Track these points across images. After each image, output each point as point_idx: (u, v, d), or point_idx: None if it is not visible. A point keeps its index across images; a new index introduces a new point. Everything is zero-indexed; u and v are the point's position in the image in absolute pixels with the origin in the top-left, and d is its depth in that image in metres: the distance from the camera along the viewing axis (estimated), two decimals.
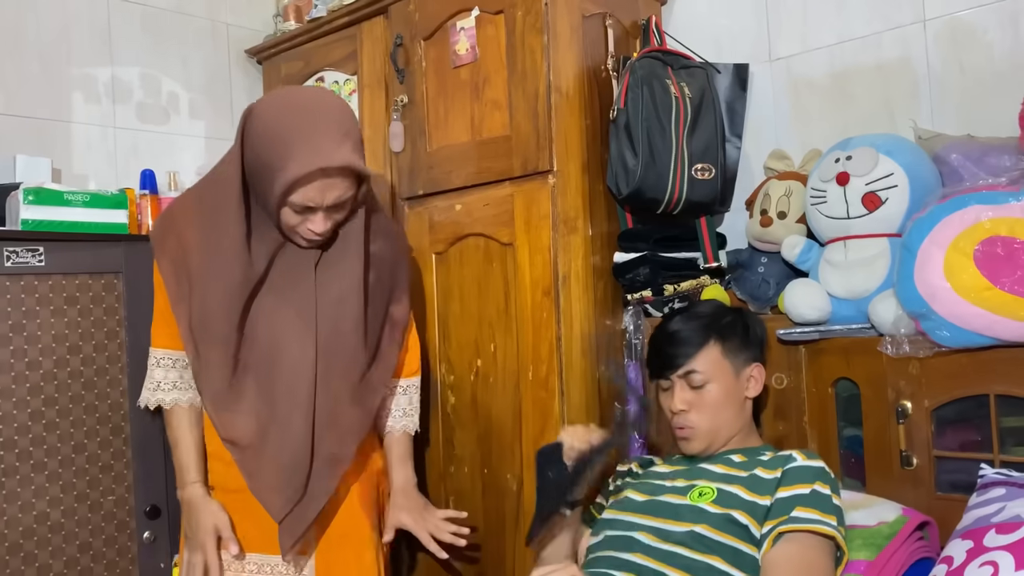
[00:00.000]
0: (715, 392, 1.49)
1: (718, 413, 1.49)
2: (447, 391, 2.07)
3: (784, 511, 1.32)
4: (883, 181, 1.59)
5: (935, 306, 1.42)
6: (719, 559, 1.32)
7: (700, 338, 1.51)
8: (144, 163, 2.31)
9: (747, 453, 1.49)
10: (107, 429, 1.80)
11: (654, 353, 1.57)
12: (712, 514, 1.36)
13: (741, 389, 1.52)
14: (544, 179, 1.83)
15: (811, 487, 1.34)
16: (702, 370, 1.50)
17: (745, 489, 1.38)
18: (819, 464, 1.39)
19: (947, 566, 1.22)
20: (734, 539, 1.33)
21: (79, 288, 1.78)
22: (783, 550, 1.29)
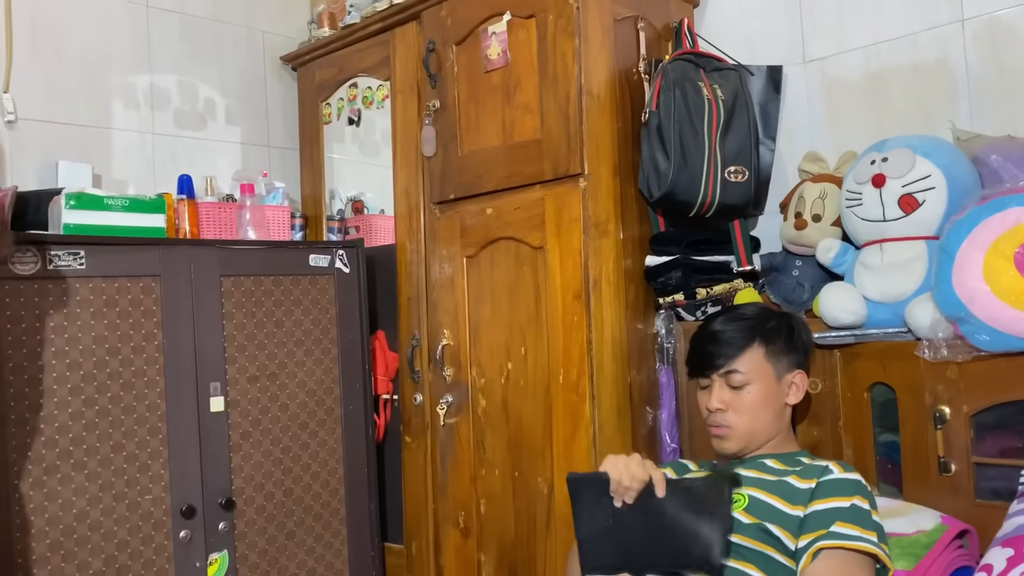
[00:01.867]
0: (755, 394, 1.47)
1: (756, 416, 1.47)
2: (478, 394, 2.08)
3: (822, 525, 1.29)
4: (920, 183, 1.56)
5: (974, 309, 1.39)
6: (752, 566, 1.31)
7: (744, 339, 1.49)
8: (181, 168, 2.35)
9: (783, 459, 1.46)
10: (144, 430, 1.83)
11: (695, 351, 1.55)
12: (745, 524, 1.34)
13: (781, 394, 1.50)
14: (575, 182, 1.83)
15: (850, 501, 1.31)
16: (744, 371, 1.47)
17: (776, 497, 1.36)
18: (856, 477, 1.36)
19: (987, 574, 1.20)
20: (767, 547, 1.32)
21: (118, 291, 1.81)
22: (823, 566, 1.26)
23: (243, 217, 2.22)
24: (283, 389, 2.06)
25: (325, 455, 2.13)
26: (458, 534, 2.11)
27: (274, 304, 2.05)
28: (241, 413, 1.98)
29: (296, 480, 2.07)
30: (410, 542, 2.24)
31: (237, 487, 1.96)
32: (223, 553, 1.92)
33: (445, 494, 2.15)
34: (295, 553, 2.06)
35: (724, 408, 1.48)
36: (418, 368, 2.22)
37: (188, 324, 1.90)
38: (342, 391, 2.16)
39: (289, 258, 2.09)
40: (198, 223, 2.19)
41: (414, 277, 2.24)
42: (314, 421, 2.11)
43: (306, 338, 2.11)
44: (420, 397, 2.22)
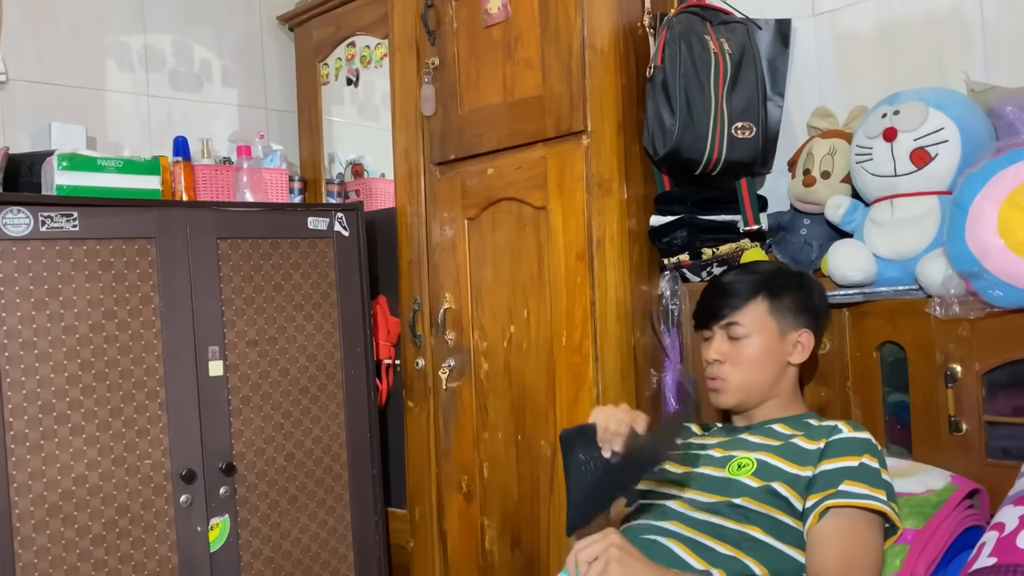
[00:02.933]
0: (753, 347, 1.43)
1: (753, 370, 1.44)
2: (480, 358, 2.05)
3: (831, 484, 1.26)
4: (933, 136, 1.52)
5: (987, 264, 1.35)
6: (759, 529, 1.28)
7: (749, 291, 1.45)
8: (177, 131, 2.32)
9: (790, 422, 1.43)
10: (143, 394, 1.81)
11: (702, 302, 1.52)
12: (752, 487, 1.31)
13: (784, 352, 1.46)
14: (578, 140, 1.78)
15: (859, 460, 1.28)
16: (744, 323, 1.44)
17: (783, 459, 1.33)
18: (866, 436, 1.33)
19: (998, 533, 1.17)
20: (774, 510, 1.29)
21: (113, 253, 1.78)
22: (831, 524, 1.24)
23: (240, 180, 2.18)
24: (283, 353, 2.04)
25: (327, 420, 2.11)
26: (461, 498, 2.10)
27: (272, 267, 2.02)
28: (241, 377, 1.96)
29: (298, 445, 2.05)
30: (413, 506, 2.23)
31: (238, 452, 1.95)
32: (224, 517, 1.91)
33: (448, 458, 2.14)
34: (297, 518, 2.05)
35: (721, 360, 1.45)
36: (420, 332, 2.20)
37: (185, 287, 1.87)
38: (343, 356, 2.14)
39: (287, 221, 2.05)
40: (194, 186, 2.15)
41: (415, 240, 2.20)
42: (315, 386, 2.09)
43: (306, 302, 2.08)
44: (422, 361, 2.19)
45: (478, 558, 2.06)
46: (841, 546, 1.22)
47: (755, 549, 1.27)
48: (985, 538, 1.20)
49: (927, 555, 1.25)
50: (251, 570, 1.96)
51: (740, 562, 1.26)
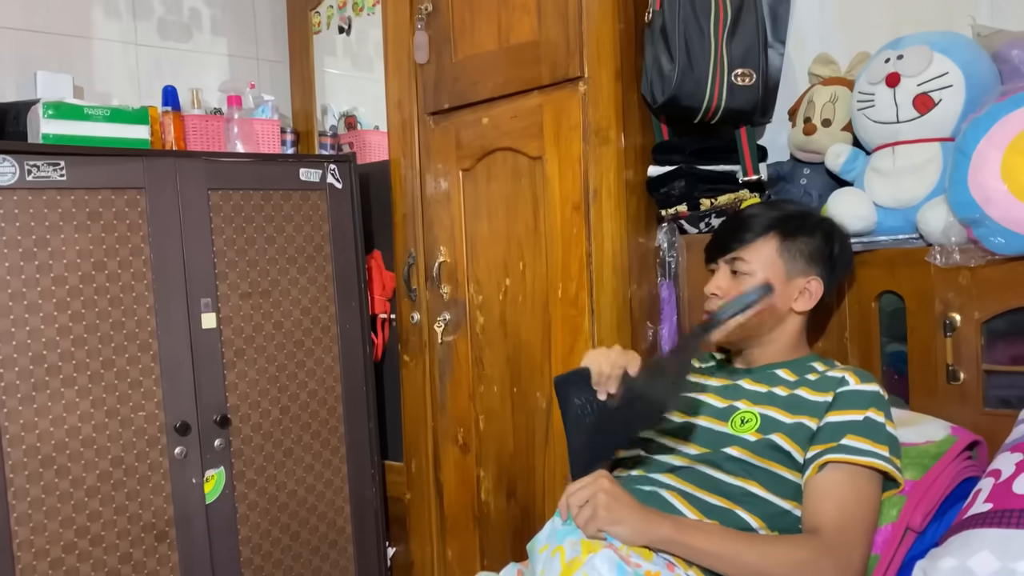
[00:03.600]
0: (753, 279, 1.38)
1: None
2: (476, 311, 2.04)
3: (833, 438, 1.24)
4: (937, 81, 1.48)
5: (990, 211, 1.33)
6: (757, 484, 1.27)
7: (761, 228, 1.39)
8: (166, 81, 2.27)
9: (794, 367, 1.39)
10: (135, 346, 1.79)
11: (714, 235, 1.47)
12: (752, 441, 1.30)
13: (788, 296, 1.39)
14: (575, 87, 1.75)
15: (864, 413, 1.26)
16: (749, 259, 1.38)
17: (787, 413, 1.31)
18: (874, 388, 1.30)
19: (994, 479, 1.17)
20: (774, 464, 1.27)
21: (102, 203, 1.75)
22: (830, 478, 1.22)
23: (231, 131, 2.15)
24: (277, 307, 2.02)
25: (322, 374, 2.10)
26: (457, 450, 2.10)
27: (264, 219, 2.00)
28: (234, 330, 1.95)
29: (293, 398, 2.04)
30: (410, 459, 2.23)
31: (232, 404, 1.94)
32: (220, 470, 1.91)
33: (444, 411, 2.13)
34: (293, 470, 2.05)
35: (719, 295, 1.40)
36: (415, 287, 2.18)
37: (176, 239, 1.85)
38: (338, 310, 2.12)
39: (278, 172, 2.02)
40: (184, 136, 2.12)
41: (409, 193, 2.17)
42: (310, 339, 2.08)
43: (299, 255, 2.06)
44: (417, 316, 2.18)
45: (474, 509, 2.07)
46: (839, 501, 1.20)
47: (752, 503, 1.27)
48: (981, 484, 1.19)
49: (924, 506, 1.24)
50: (247, 522, 1.97)
51: (735, 514, 1.26)
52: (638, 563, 1.15)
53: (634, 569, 1.14)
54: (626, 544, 1.16)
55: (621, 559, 1.14)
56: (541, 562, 1.21)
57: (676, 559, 1.19)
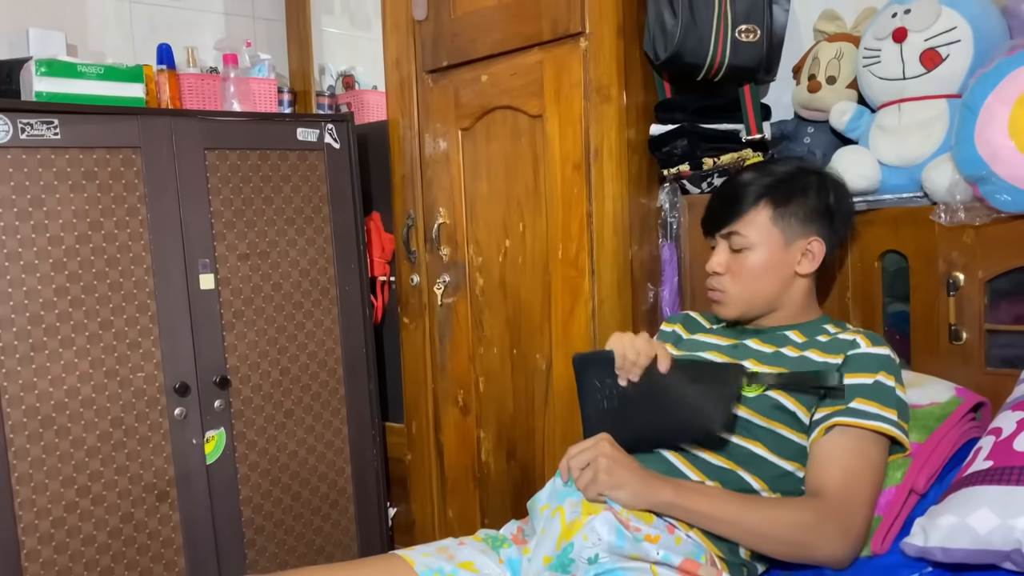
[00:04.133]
0: (754, 260, 1.35)
1: (754, 283, 1.36)
2: (475, 273, 2.02)
3: (842, 400, 1.23)
4: (944, 36, 1.45)
5: (996, 168, 1.31)
6: (760, 444, 1.26)
7: (752, 198, 1.35)
8: (161, 39, 2.23)
9: (805, 330, 1.37)
10: (133, 307, 1.78)
11: (707, 208, 1.43)
12: (754, 398, 1.28)
13: (790, 262, 1.36)
14: (575, 43, 1.72)
15: (874, 377, 1.24)
16: (744, 234, 1.35)
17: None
18: (884, 352, 1.28)
19: (995, 437, 1.16)
20: (778, 424, 1.27)
21: (97, 163, 1.73)
22: (835, 441, 1.21)
23: (227, 90, 2.12)
24: (275, 268, 2.01)
25: (322, 335, 2.10)
26: (457, 412, 2.10)
27: (262, 180, 1.98)
28: (232, 291, 1.94)
29: (293, 360, 2.04)
30: (410, 421, 2.23)
31: (232, 365, 1.94)
32: (219, 431, 1.91)
33: (444, 373, 2.13)
34: (294, 431, 2.05)
35: (721, 272, 1.38)
36: (414, 248, 2.17)
37: (173, 199, 1.83)
38: (337, 272, 2.11)
39: (275, 132, 2.00)
40: (180, 95, 2.09)
41: (407, 154, 2.15)
42: (309, 301, 2.07)
43: (297, 216, 2.04)
44: (417, 278, 2.17)
45: (474, 469, 2.08)
46: (845, 464, 1.19)
47: (754, 463, 1.26)
48: (982, 443, 1.18)
49: (928, 468, 1.24)
50: (248, 482, 1.97)
51: (737, 475, 1.25)
52: (637, 527, 1.15)
53: (633, 533, 1.14)
54: (626, 508, 1.16)
55: (621, 523, 1.14)
56: (542, 521, 1.21)
57: (677, 522, 1.19)
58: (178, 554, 1.86)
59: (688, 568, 1.14)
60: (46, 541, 1.69)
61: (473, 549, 1.27)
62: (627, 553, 1.13)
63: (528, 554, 1.20)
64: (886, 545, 1.20)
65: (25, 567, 1.66)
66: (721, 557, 1.21)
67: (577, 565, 1.14)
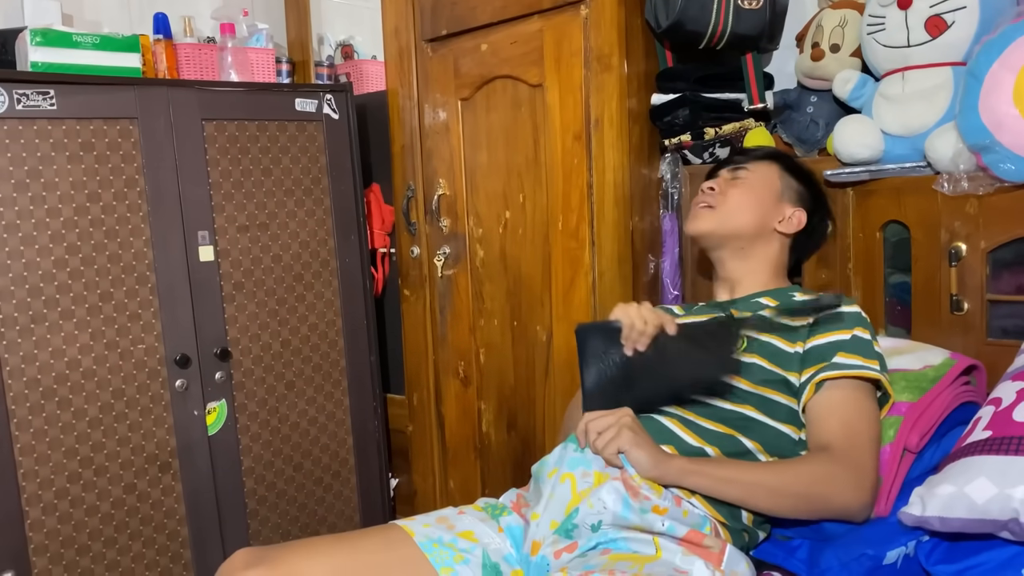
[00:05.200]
0: (748, 185, 1.46)
1: (740, 206, 1.44)
2: (476, 244, 2.02)
3: (824, 357, 1.26)
4: (950, 2, 1.43)
5: (1001, 136, 1.29)
6: (752, 408, 1.28)
7: (766, 154, 1.52)
8: (157, 8, 2.20)
9: (777, 295, 1.42)
10: (132, 279, 1.78)
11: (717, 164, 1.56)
12: (749, 366, 1.30)
13: (775, 213, 1.46)
14: (576, 10, 1.70)
15: (851, 332, 1.28)
16: (751, 168, 1.48)
17: (779, 338, 1.32)
18: (855, 309, 1.32)
19: (995, 407, 1.16)
20: (766, 389, 1.28)
21: (94, 134, 1.72)
22: (828, 396, 1.24)
23: (224, 60, 2.10)
24: (275, 240, 2.00)
25: (323, 307, 2.09)
26: (458, 383, 2.11)
27: (260, 151, 1.96)
28: (232, 263, 1.93)
29: (293, 332, 2.04)
30: (411, 392, 2.24)
31: (232, 337, 1.94)
32: (221, 402, 1.92)
33: (445, 345, 2.13)
34: (295, 403, 2.06)
35: (715, 189, 1.47)
36: (414, 220, 2.16)
37: (171, 170, 1.82)
38: (337, 244, 2.10)
39: (274, 102, 1.98)
40: (177, 65, 2.07)
41: (407, 124, 2.13)
42: (309, 273, 2.06)
43: (296, 188, 2.03)
44: (417, 250, 2.16)
45: (475, 440, 2.08)
46: (843, 415, 1.22)
47: (749, 427, 1.27)
48: (981, 412, 1.18)
49: (920, 427, 1.25)
50: (250, 453, 1.98)
51: (734, 439, 1.26)
52: (647, 495, 1.16)
53: (641, 503, 1.15)
54: (641, 474, 1.17)
55: (630, 491, 1.15)
56: (550, 485, 1.22)
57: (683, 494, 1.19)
58: (181, 524, 1.87)
59: (693, 539, 1.15)
60: (50, 512, 1.70)
61: (473, 518, 1.28)
62: (631, 524, 1.14)
63: (536, 519, 1.21)
64: (888, 506, 1.21)
65: (30, 537, 1.68)
66: (723, 523, 1.21)
67: (580, 531, 1.15)
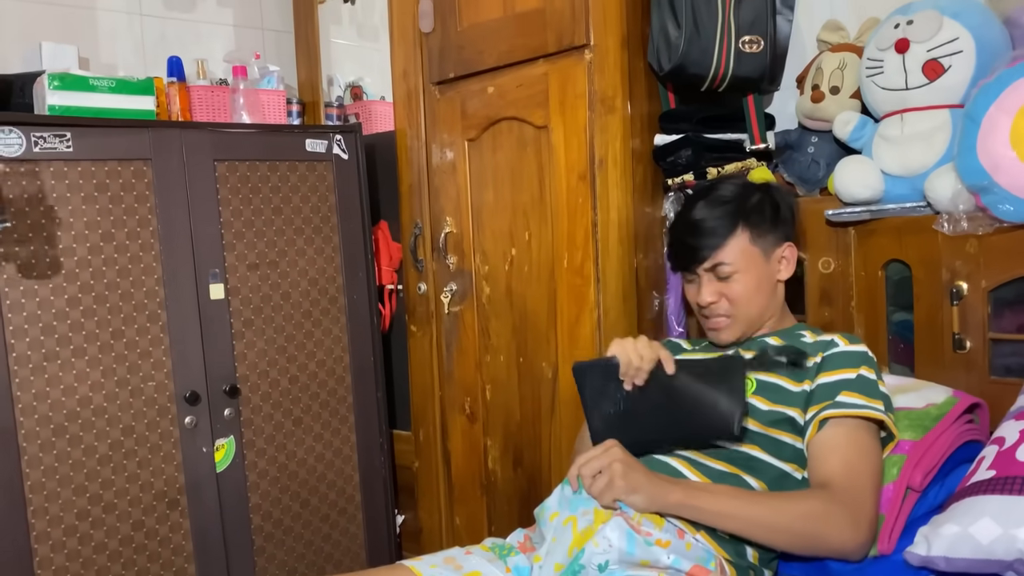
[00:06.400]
0: (745, 282, 1.39)
1: (750, 302, 1.41)
2: (482, 281, 2.04)
3: (829, 396, 1.27)
4: (947, 47, 1.47)
5: (998, 178, 1.32)
6: (758, 448, 1.29)
7: (727, 227, 1.39)
8: (171, 51, 2.26)
9: (785, 336, 1.42)
10: (144, 316, 1.80)
11: (677, 244, 1.46)
12: (757, 408, 1.31)
13: (772, 273, 1.43)
14: (580, 55, 1.73)
15: (856, 372, 1.29)
16: (730, 261, 1.39)
17: (784, 378, 1.33)
18: (862, 349, 1.33)
19: (998, 447, 1.17)
20: (773, 430, 1.30)
21: (109, 175, 1.76)
22: (831, 434, 1.24)
23: (236, 101, 2.14)
24: (284, 277, 2.03)
25: (330, 344, 2.11)
26: (464, 419, 2.12)
27: (271, 190, 2.00)
28: (242, 301, 1.96)
29: (302, 368, 2.06)
30: (418, 428, 2.25)
31: (241, 374, 1.96)
32: (229, 439, 1.93)
33: (451, 381, 2.14)
34: (303, 439, 2.07)
35: (716, 300, 1.41)
36: (421, 257, 2.18)
37: (183, 210, 1.85)
38: (345, 281, 2.13)
39: (285, 143, 2.02)
40: (190, 107, 2.11)
41: (415, 164, 2.17)
42: (318, 310, 2.09)
43: (306, 226, 2.06)
44: (424, 286, 2.18)
45: (481, 477, 2.09)
46: (844, 454, 1.22)
47: (755, 467, 1.28)
48: (985, 452, 1.19)
49: (924, 465, 1.25)
50: (258, 490, 1.99)
51: (740, 479, 1.27)
52: (649, 531, 1.17)
53: (644, 537, 1.16)
54: (640, 512, 1.18)
55: (632, 527, 1.16)
56: (552, 530, 1.23)
57: (685, 525, 1.20)
58: (188, 561, 1.88)
59: (697, 574, 1.15)
60: (58, 548, 1.71)
61: (480, 558, 1.29)
62: (637, 560, 1.15)
63: (539, 561, 1.21)
64: (891, 544, 1.21)
65: (38, 574, 1.68)
66: (729, 560, 1.22)
67: (587, 572, 1.16)
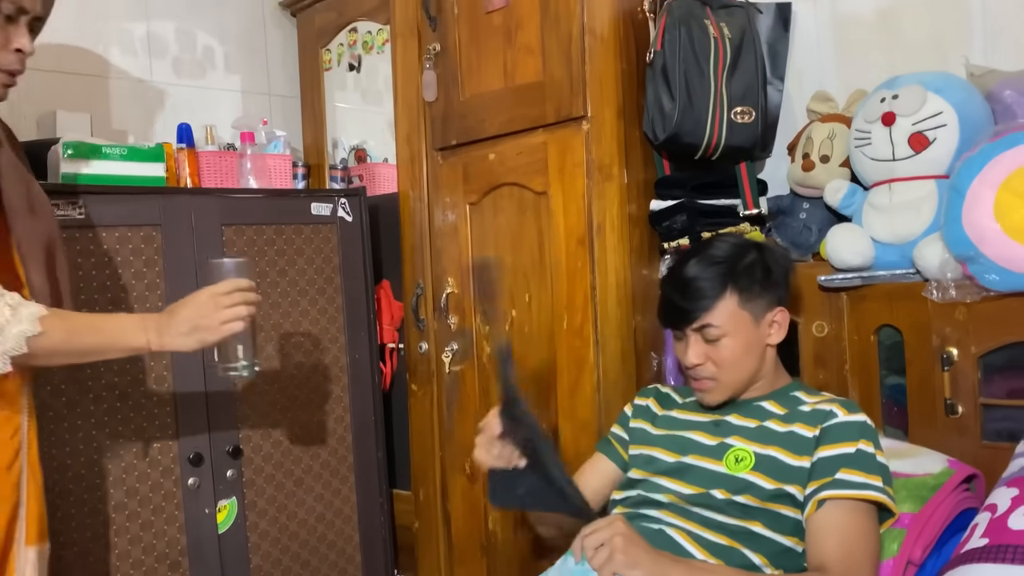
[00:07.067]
0: (732, 346, 1.38)
1: (737, 367, 1.39)
2: (482, 342, 2.07)
3: (827, 473, 1.26)
4: (931, 120, 1.52)
5: (984, 248, 1.36)
6: (759, 524, 1.30)
7: (716, 289, 1.38)
8: (181, 118, 2.33)
9: (781, 399, 1.41)
10: (151, 379, 1.83)
11: (666, 302, 1.44)
12: (757, 485, 1.31)
13: (762, 337, 1.41)
14: (578, 125, 1.79)
15: (855, 446, 1.28)
16: (718, 324, 1.37)
17: (784, 451, 1.33)
18: (861, 419, 1.32)
19: (991, 514, 1.19)
20: (778, 506, 1.30)
21: (119, 240, 1.80)
22: (829, 515, 1.24)
23: (244, 166, 2.20)
24: (288, 339, 2.06)
25: (332, 403, 2.14)
26: (465, 480, 2.13)
27: (276, 253, 2.04)
28: None
29: (304, 428, 2.08)
30: (418, 488, 2.25)
31: (244, 435, 1.98)
32: (232, 500, 1.95)
33: (452, 441, 2.16)
34: (303, 500, 2.08)
35: (702, 362, 1.39)
36: (423, 317, 2.22)
37: (190, 273, 1.89)
38: (347, 340, 2.16)
39: (291, 206, 2.07)
40: (199, 172, 2.17)
41: (417, 225, 2.22)
42: (320, 370, 2.12)
43: (310, 287, 2.10)
44: (425, 345, 2.21)
45: (482, 539, 2.09)
46: (841, 536, 1.23)
47: (755, 541, 1.29)
48: (978, 519, 1.21)
49: (923, 539, 1.27)
50: (259, 551, 2.00)
51: (740, 553, 1.28)
52: None
53: None
54: None
55: None
56: None
57: None
58: None
59: None
60: None
61: None
62: None
63: None
64: None
65: None
66: None
67: None
